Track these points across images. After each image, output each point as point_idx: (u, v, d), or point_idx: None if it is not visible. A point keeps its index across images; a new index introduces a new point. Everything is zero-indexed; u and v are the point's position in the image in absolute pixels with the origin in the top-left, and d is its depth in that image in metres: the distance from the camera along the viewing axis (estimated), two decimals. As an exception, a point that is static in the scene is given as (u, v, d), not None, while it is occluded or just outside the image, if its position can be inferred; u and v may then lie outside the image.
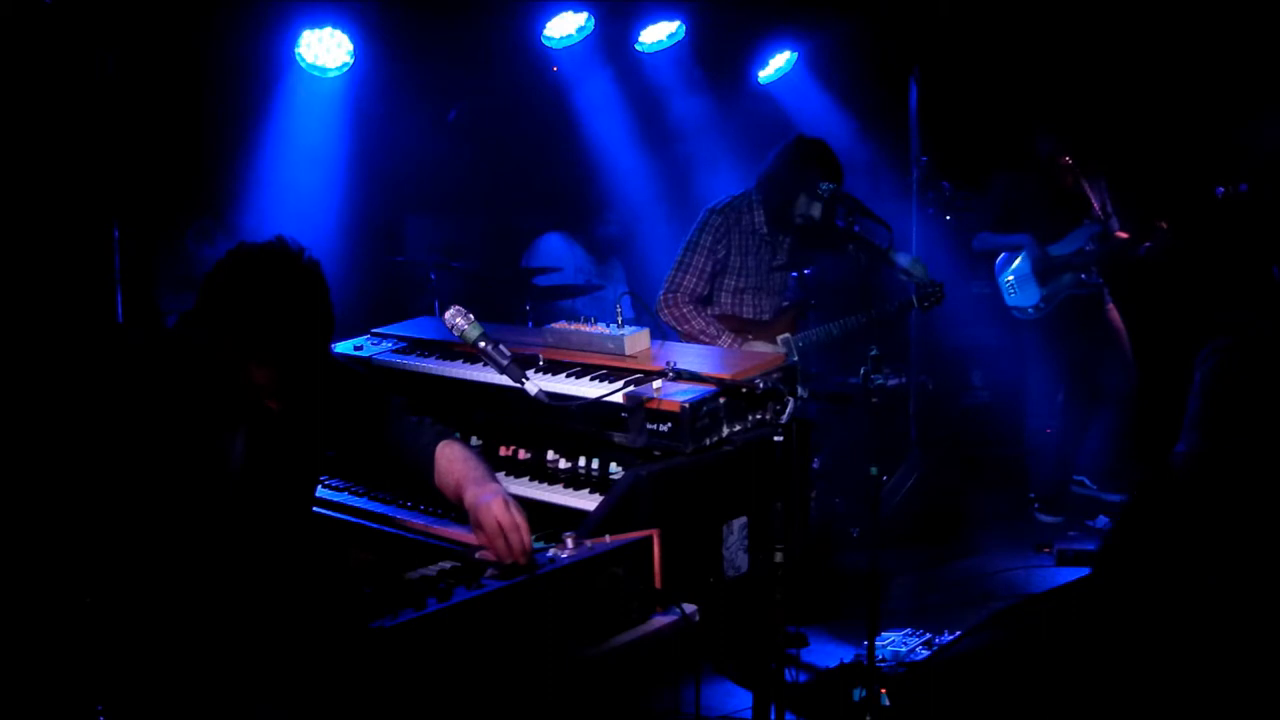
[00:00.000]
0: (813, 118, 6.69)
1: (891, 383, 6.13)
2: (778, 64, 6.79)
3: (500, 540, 2.51)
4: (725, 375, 3.26)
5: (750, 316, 4.83)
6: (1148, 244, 5.72)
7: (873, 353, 3.88)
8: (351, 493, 3.50)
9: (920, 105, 6.46)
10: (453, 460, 2.84)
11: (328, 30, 5.20)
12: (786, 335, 4.85)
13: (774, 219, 4.76)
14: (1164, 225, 5.67)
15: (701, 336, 4.66)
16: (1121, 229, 5.87)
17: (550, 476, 3.38)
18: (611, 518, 2.93)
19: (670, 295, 4.73)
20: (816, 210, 4.66)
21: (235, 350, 2.45)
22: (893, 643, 4.35)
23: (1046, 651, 3.15)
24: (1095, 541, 5.68)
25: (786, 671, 3.18)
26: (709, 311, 4.78)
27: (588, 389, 3.32)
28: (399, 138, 5.92)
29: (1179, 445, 3.68)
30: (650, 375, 3.24)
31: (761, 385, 3.10)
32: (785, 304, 4.95)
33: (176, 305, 4.83)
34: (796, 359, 4.61)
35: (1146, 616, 3.31)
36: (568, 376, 3.46)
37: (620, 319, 3.65)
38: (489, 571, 2.47)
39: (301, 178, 5.45)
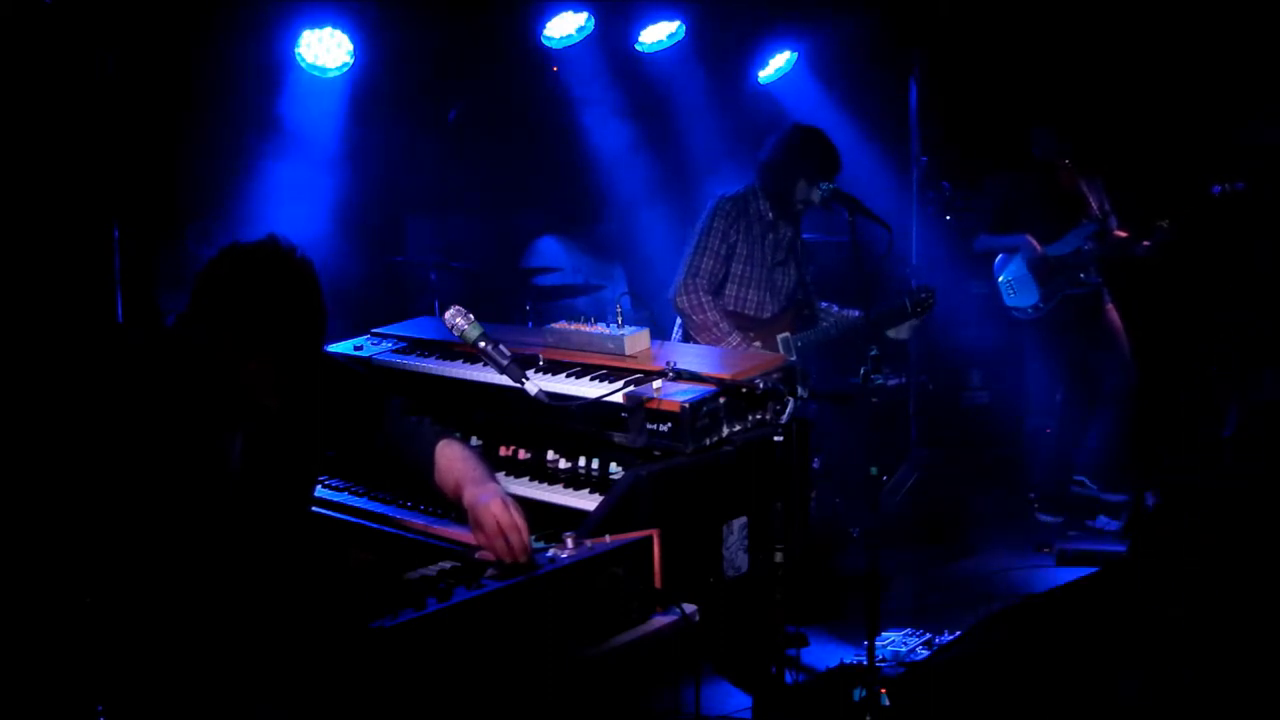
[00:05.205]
0: (813, 117, 6.64)
1: (891, 383, 6.14)
2: (778, 64, 6.78)
3: (500, 541, 2.50)
4: (725, 375, 3.26)
5: (752, 314, 4.83)
6: (1146, 243, 5.72)
7: (873, 353, 3.89)
8: (351, 493, 3.50)
9: (920, 105, 6.47)
10: (452, 459, 2.83)
11: (328, 30, 5.20)
12: (786, 335, 4.86)
13: (776, 207, 4.81)
14: (1164, 224, 5.66)
15: (714, 329, 4.66)
16: (1120, 228, 5.87)
17: (550, 476, 3.37)
18: (611, 518, 2.93)
19: (690, 281, 4.73)
20: (816, 196, 4.71)
21: (232, 347, 2.45)
22: (893, 643, 4.35)
23: (1045, 652, 3.16)
24: (1095, 541, 5.68)
25: (786, 672, 3.18)
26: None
27: (588, 389, 3.32)
28: (399, 138, 5.91)
29: None
30: (650, 375, 3.24)
31: (761, 385, 3.10)
32: (786, 304, 4.95)
33: (176, 305, 4.81)
34: (795, 359, 4.61)
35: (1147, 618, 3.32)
36: (568, 376, 3.46)
37: (620, 319, 3.65)
38: (489, 571, 2.47)
39: (302, 178, 5.45)
